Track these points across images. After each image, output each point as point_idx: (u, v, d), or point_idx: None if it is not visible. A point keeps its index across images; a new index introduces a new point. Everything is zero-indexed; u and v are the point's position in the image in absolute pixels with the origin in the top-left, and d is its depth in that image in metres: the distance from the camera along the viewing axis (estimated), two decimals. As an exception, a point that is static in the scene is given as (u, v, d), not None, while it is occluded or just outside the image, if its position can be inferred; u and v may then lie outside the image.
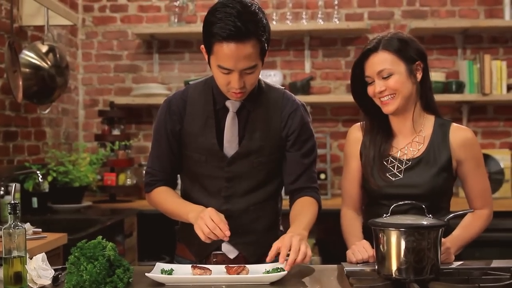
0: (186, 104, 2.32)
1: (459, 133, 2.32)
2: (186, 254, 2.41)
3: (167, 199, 2.35)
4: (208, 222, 2.07)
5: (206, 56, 2.19)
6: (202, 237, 2.08)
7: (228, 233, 2.06)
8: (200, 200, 2.33)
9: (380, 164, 2.33)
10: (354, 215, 2.42)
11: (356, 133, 2.44)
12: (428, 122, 2.35)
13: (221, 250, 2.33)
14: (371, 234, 1.99)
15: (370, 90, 2.30)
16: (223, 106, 2.28)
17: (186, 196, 2.41)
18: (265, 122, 2.30)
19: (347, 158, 2.46)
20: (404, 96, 2.27)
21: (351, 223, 2.40)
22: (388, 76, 2.25)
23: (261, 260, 2.27)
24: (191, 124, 2.30)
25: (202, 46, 2.19)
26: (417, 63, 2.29)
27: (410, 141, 2.35)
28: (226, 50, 2.06)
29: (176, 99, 2.34)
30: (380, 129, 2.37)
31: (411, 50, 2.28)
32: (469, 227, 2.32)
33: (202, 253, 2.35)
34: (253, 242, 2.34)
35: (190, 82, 2.38)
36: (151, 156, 2.41)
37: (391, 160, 2.34)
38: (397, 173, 2.31)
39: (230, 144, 2.28)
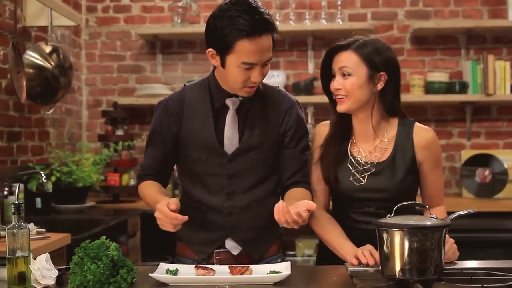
0: (184, 105, 2.35)
1: (422, 135, 2.32)
2: (187, 253, 2.42)
3: (147, 191, 2.37)
4: (159, 216, 2.10)
5: (215, 59, 2.21)
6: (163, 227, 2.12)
7: (178, 219, 2.08)
8: (202, 198, 2.36)
9: (343, 167, 2.33)
10: (328, 215, 2.39)
11: (323, 130, 2.43)
12: (391, 125, 2.36)
13: (225, 248, 2.34)
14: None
15: (331, 85, 2.33)
16: (222, 105, 2.31)
17: (187, 195, 2.43)
18: (263, 119, 2.34)
19: (315, 155, 2.42)
20: (356, 100, 2.27)
21: (332, 225, 2.35)
22: (347, 76, 2.27)
23: (263, 257, 2.34)
24: (190, 124, 2.33)
25: (209, 50, 2.21)
26: (381, 73, 2.27)
27: (374, 146, 2.34)
28: (252, 45, 2.12)
29: (173, 100, 2.38)
30: (343, 128, 2.38)
31: (380, 60, 2.27)
32: None
33: (205, 251, 2.36)
34: (256, 238, 2.37)
35: (186, 84, 2.42)
36: (145, 152, 2.48)
37: (355, 165, 2.33)
38: (360, 178, 2.31)
39: (231, 142, 2.31)
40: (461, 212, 2.08)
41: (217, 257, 2.34)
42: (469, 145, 4.90)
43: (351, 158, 2.34)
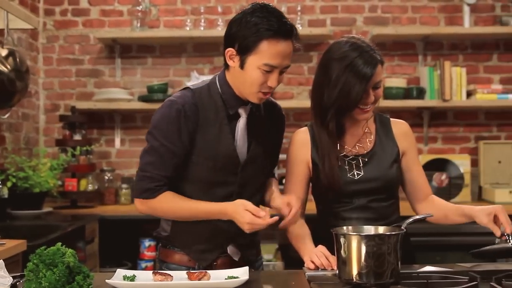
0: (199, 110, 2.26)
1: (399, 125, 2.49)
2: (182, 261, 2.36)
3: (183, 203, 2.27)
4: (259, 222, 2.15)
5: (234, 60, 2.18)
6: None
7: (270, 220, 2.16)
8: None
9: (339, 165, 2.36)
10: (301, 220, 2.42)
11: (303, 137, 2.46)
12: (371, 120, 2.46)
13: (226, 253, 2.34)
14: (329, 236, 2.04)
15: (368, 99, 2.30)
16: (234, 113, 2.29)
17: None
18: (265, 126, 2.37)
19: (294, 162, 2.45)
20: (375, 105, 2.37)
21: (301, 229, 2.38)
22: (379, 87, 2.33)
23: (257, 260, 2.45)
24: (206, 131, 2.27)
25: (228, 49, 2.18)
26: None
27: (359, 139, 2.42)
28: (276, 46, 2.12)
29: (189, 104, 2.25)
30: (338, 133, 2.40)
31: None
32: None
33: (208, 258, 2.34)
34: (253, 242, 2.41)
35: (191, 87, 2.32)
36: (153, 161, 2.26)
37: (347, 161, 2.37)
38: (356, 171, 2.36)
39: (241, 150, 2.30)
40: (417, 216, 2.11)
41: (215, 263, 2.32)
42: (427, 150, 4.97)
43: (344, 156, 2.39)
